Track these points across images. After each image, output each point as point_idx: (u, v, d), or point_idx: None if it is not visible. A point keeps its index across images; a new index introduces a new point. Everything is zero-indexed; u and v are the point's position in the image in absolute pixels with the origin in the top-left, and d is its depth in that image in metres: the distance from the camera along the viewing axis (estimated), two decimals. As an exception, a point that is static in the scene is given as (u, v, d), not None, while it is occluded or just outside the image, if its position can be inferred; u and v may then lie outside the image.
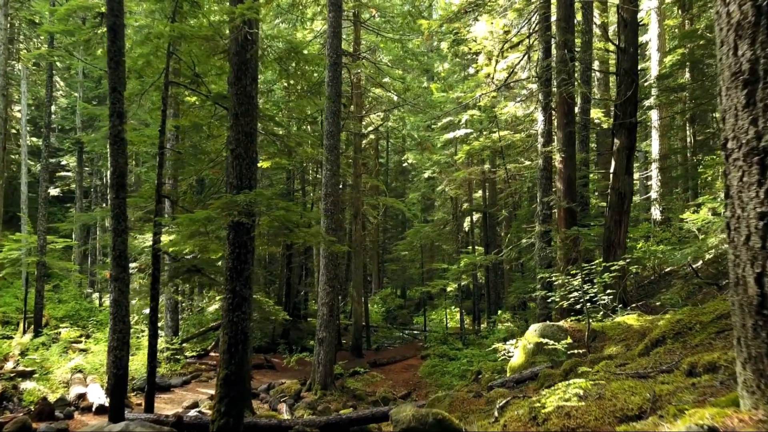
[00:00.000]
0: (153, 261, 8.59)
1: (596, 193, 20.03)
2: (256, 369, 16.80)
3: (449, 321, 30.27)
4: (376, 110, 23.69)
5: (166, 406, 11.41)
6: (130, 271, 11.98)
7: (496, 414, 5.23)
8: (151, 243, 8.77)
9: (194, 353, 17.47)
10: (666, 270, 16.67)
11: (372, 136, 31.70)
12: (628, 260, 8.27)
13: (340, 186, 24.05)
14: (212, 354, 18.27)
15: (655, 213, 22.32)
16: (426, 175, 26.10)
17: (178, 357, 14.82)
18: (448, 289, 27.05)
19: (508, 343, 9.11)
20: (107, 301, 20.58)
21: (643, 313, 8.53)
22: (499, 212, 22.39)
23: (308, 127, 22.13)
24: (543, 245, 12.48)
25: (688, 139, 22.79)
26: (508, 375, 8.55)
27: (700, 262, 15.82)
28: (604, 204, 20.12)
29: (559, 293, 9.22)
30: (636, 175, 24.78)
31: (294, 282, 26.20)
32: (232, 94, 6.87)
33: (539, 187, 13.06)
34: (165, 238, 9.72)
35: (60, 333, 16.68)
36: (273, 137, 9.25)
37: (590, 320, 8.25)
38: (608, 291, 8.73)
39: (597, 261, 8.03)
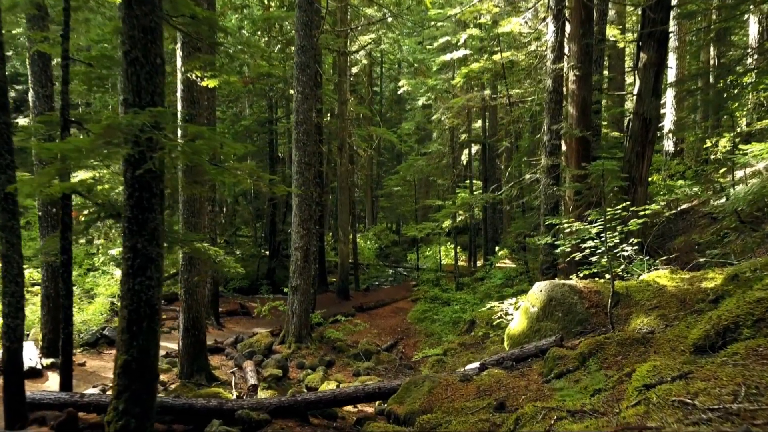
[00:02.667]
0: (62, 204, 6.79)
1: (606, 122, 17.99)
2: (230, 316, 15.41)
3: (444, 258, 28.92)
4: (365, 29, 21.14)
5: (104, 367, 9.96)
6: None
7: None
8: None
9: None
10: (681, 207, 14.93)
11: (364, 62, 29.09)
12: (663, 203, 6.45)
13: (324, 115, 21.94)
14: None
15: (668, 145, 20.27)
16: (420, 103, 23.83)
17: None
18: (444, 224, 25.47)
19: (506, 302, 7.47)
20: None
21: (677, 269, 6.81)
22: (500, 143, 20.35)
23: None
24: (550, 182, 10.64)
25: (712, 61, 20.42)
26: (505, 344, 6.95)
27: (723, 199, 14.05)
28: (617, 134, 18.15)
29: (570, 242, 7.48)
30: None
31: (279, 219, 24.55)
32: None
33: (547, 112, 11.04)
34: (84, 175, 7.90)
35: None
36: (211, 45, 7.23)
37: (614, 281, 6.55)
38: (631, 240, 7.01)
39: (623, 204, 6.23)
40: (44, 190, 5.38)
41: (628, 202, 6.37)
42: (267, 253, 24.39)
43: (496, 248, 25.46)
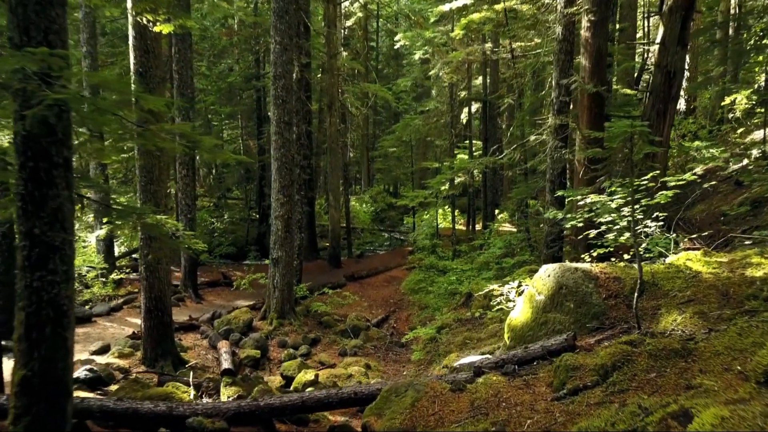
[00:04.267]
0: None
1: (616, 78, 16.64)
2: (210, 287, 14.48)
3: (441, 221, 27.87)
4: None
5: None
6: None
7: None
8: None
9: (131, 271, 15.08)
10: (696, 171, 13.79)
11: (360, 14, 27.35)
12: (699, 171, 5.35)
13: (315, 71, 20.37)
14: (164, 268, 15.84)
15: (680, 103, 18.92)
16: (417, 57, 22.31)
17: (105, 279, 12.29)
18: (442, 189, 24.27)
19: (506, 287, 6.42)
20: None
21: (709, 249, 5.74)
22: (502, 101, 18.97)
23: None
24: (557, 144, 9.46)
25: (732, 11, 18.85)
26: (506, 335, 5.95)
27: (745, 161, 12.90)
28: (628, 91, 16.81)
29: (582, 215, 6.38)
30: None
31: (267, 183, 23.34)
32: None
33: (555, 65, 9.76)
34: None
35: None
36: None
37: (641, 267, 5.52)
38: (655, 214, 5.94)
39: (652, 173, 5.11)
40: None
41: (657, 171, 5.25)
42: (257, 216, 23.32)
43: (496, 211, 24.40)
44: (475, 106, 25.93)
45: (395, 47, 32.97)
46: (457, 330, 11.04)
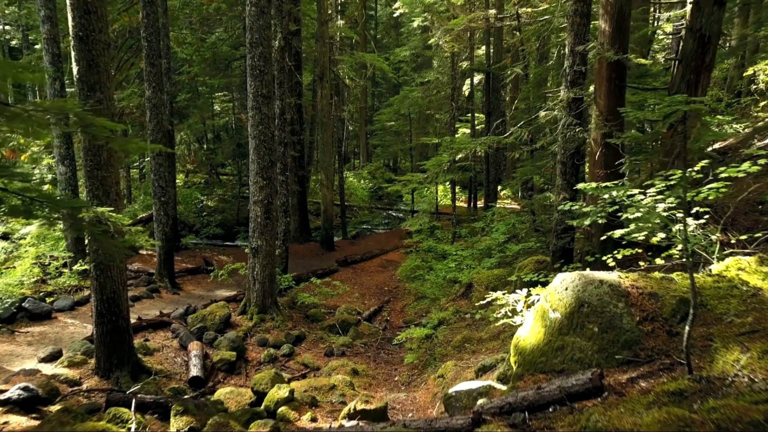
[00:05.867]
0: None
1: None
2: (191, 275, 13.44)
3: (442, 198, 26.73)
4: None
5: (13, 354, 8.02)
6: None
7: None
8: None
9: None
10: (715, 147, 12.58)
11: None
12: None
13: (307, 40, 18.88)
14: (141, 252, 14.82)
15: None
16: (416, 24, 20.84)
17: (64, 270, 11.17)
18: (439, 175, 22.94)
19: (513, 296, 5.30)
20: None
21: (766, 257, 4.61)
22: (506, 72, 17.59)
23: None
24: (571, 120, 8.26)
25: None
26: (512, 359, 4.88)
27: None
28: (643, 60, 15.46)
29: (603, 209, 5.25)
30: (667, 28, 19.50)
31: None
32: None
33: (569, 29, 8.48)
34: None
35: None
36: None
37: (694, 285, 4.47)
38: (695, 210, 4.84)
39: (703, 162, 3.98)
40: None
41: (707, 160, 4.11)
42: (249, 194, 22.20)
43: (499, 188, 23.21)
44: (477, 78, 24.54)
45: (394, 15, 31.39)
46: (455, 326, 10.04)
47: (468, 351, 8.14)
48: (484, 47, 21.20)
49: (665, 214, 4.33)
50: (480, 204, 21.82)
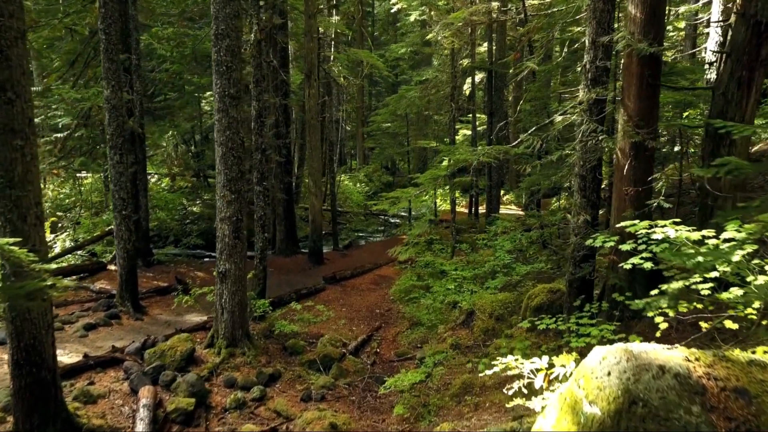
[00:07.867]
0: None
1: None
2: (160, 296, 12.07)
3: (441, 203, 25.36)
4: None
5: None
6: None
7: None
8: None
9: (75, 275, 12.72)
10: (754, 149, 11.20)
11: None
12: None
13: (297, 37, 17.46)
14: (110, 268, 13.48)
15: (710, 73, 16.18)
16: (413, 18, 19.45)
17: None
18: (443, 165, 21.55)
19: (529, 366, 3.93)
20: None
21: None
22: (519, 66, 16.18)
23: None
24: (593, 127, 6.89)
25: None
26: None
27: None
28: (669, 52, 14.05)
29: (649, 247, 3.90)
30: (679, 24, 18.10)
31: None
32: None
33: (590, 17, 7.10)
34: None
35: None
36: None
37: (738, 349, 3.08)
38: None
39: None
40: None
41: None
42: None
43: (501, 192, 21.89)
44: (479, 76, 23.18)
45: (392, 11, 29.96)
46: (454, 363, 8.67)
47: (469, 404, 6.78)
48: (486, 44, 19.84)
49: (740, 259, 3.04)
50: (482, 209, 20.48)
